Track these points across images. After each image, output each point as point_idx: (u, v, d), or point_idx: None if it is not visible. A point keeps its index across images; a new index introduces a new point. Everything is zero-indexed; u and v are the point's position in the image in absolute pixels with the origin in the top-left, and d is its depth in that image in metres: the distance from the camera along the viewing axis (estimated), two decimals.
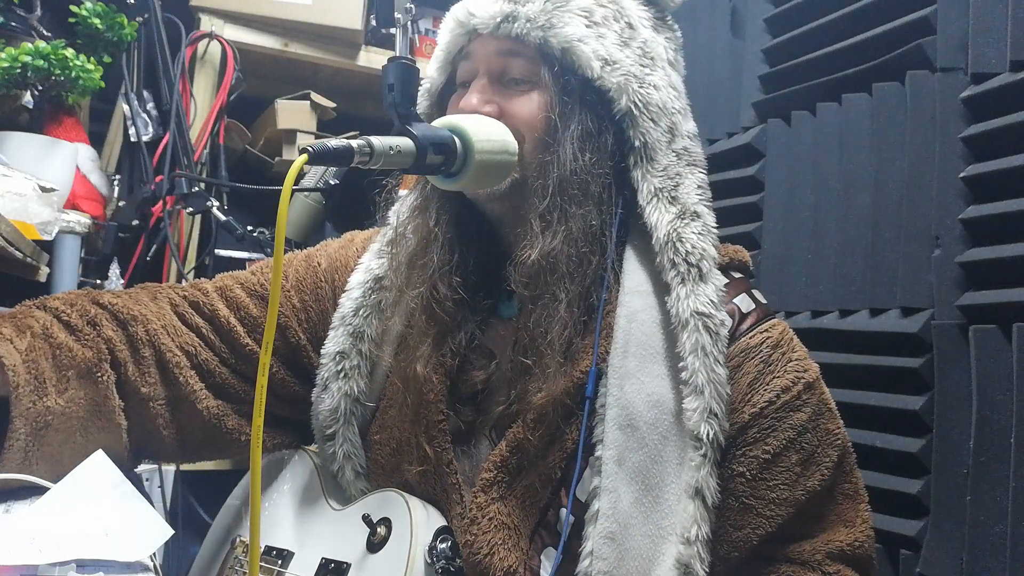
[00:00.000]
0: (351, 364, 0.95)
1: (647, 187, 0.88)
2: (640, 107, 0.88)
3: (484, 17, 0.89)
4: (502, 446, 0.86)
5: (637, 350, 0.85)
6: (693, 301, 0.84)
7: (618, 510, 0.81)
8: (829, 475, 0.87)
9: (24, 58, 1.38)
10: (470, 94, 0.90)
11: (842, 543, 0.86)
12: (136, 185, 1.67)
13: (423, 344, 0.91)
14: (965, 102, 1.16)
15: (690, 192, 0.89)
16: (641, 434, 0.83)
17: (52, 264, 1.35)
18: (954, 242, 1.14)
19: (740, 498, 0.84)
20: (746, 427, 0.84)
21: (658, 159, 0.88)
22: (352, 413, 0.96)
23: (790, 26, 1.50)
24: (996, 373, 1.06)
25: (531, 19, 0.87)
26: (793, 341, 0.90)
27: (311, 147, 0.69)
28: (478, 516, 0.85)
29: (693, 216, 0.88)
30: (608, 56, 0.88)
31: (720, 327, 0.84)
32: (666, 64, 0.93)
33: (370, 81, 1.92)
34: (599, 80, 0.87)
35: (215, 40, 1.73)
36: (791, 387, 0.85)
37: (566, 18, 0.87)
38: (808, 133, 1.43)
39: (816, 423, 0.87)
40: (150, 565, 0.79)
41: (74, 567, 0.74)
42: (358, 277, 0.99)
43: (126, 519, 0.85)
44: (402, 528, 0.86)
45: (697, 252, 0.86)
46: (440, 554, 0.84)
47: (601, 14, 0.90)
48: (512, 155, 0.87)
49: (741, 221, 1.52)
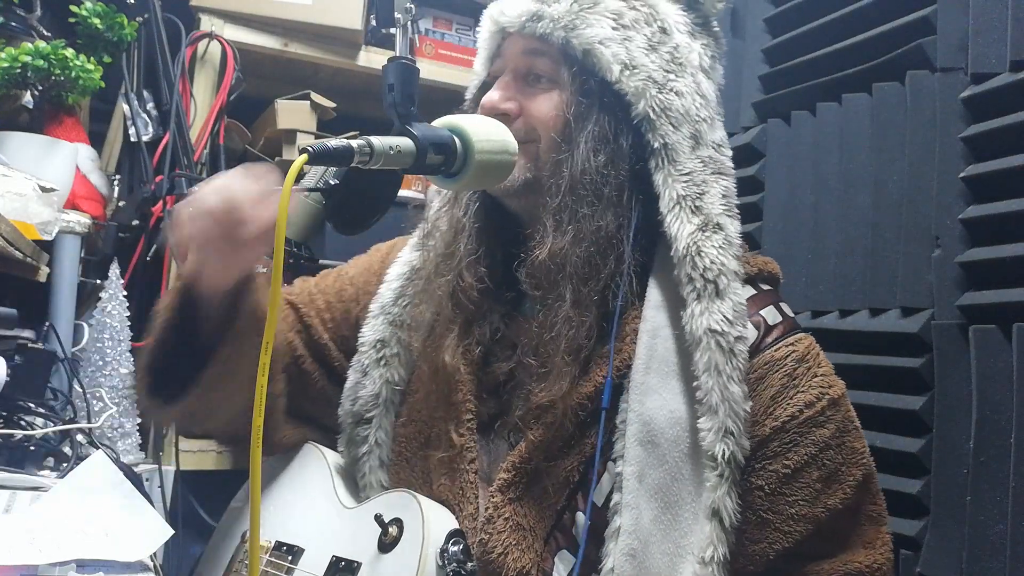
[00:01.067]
0: (391, 352, 0.98)
1: (669, 193, 0.87)
2: (658, 111, 0.88)
3: (512, 16, 0.92)
4: (521, 447, 0.87)
5: (659, 366, 0.85)
6: (707, 319, 0.83)
7: (639, 527, 0.81)
8: (852, 494, 0.86)
9: (24, 58, 1.38)
10: (492, 91, 0.93)
11: (861, 564, 0.85)
12: (136, 185, 1.67)
13: (450, 333, 0.93)
14: (965, 102, 1.16)
15: (714, 202, 0.88)
16: (662, 451, 0.83)
17: (52, 264, 1.35)
18: (954, 242, 1.14)
19: (758, 512, 0.84)
20: (767, 440, 0.84)
21: (681, 161, 0.88)
22: (391, 401, 0.98)
23: (790, 26, 1.50)
24: (996, 373, 1.06)
25: (555, 19, 0.89)
26: (819, 356, 0.89)
27: (311, 147, 0.69)
28: (494, 516, 0.85)
29: (716, 228, 0.87)
30: (629, 60, 0.88)
31: (736, 343, 0.83)
32: (697, 70, 0.93)
33: (370, 81, 1.91)
34: (618, 84, 0.88)
35: (215, 40, 1.73)
36: (815, 402, 0.84)
37: (592, 19, 0.88)
38: (808, 133, 1.42)
39: (840, 440, 0.86)
40: (150, 565, 0.79)
41: (74, 567, 0.74)
42: (397, 269, 1.03)
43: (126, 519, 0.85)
44: (414, 529, 0.86)
45: (715, 268, 0.85)
46: (452, 557, 0.84)
47: (632, 17, 0.90)
48: (512, 155, 0.87)
49: (741, 221, 1.52)
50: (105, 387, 1.43)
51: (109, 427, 1.42)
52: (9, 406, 1.10)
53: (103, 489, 0.88)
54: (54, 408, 1.21)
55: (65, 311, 1.37)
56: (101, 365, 1.44)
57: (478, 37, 1.00)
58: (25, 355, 1.16)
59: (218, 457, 1.64)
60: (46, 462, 1.02)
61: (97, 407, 1.39)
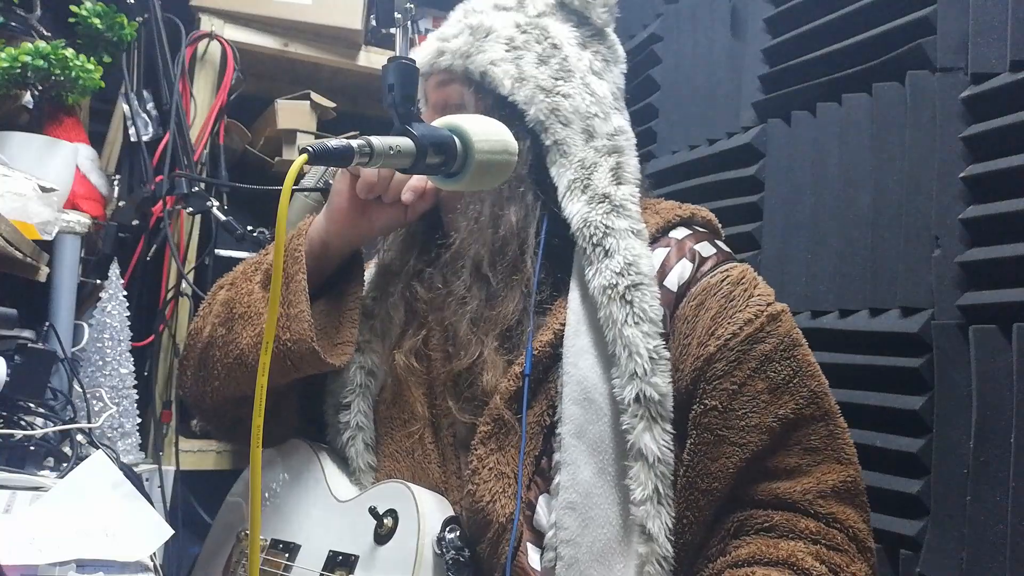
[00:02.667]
0: (364, 339, 1.05)
1: (563, 183, 0.97)
2: (547, 113, 0.98)
3: (423, 60, 1.05)
4: (496, 400, 0.92)
5: (590, 328, 0.93)
6: (599, 279, 0.92)
7: (577, 481, 0.87)
8: (805, 405, 0.89)
9: (24, 58, 1.38)
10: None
11: (834, 480, 0.88)
12: (136, 185, 1.67)
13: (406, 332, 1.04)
14: (965, 102, 1.16)
15: (602, 177, 0.97)
16: (598, 406, 0.89)
17: (52, 264, 1.35)
18: (954, 242, 1.14)
19: (714, 431, 0.88)
20: (712, 359, 0.89)
21: (573, 153, 0.98)
22: (367, 386, 1.05)
23: (790, 26, 1.50)
24: (996, 373, 1.06)
25: (455, 51, 1.02)
26: (756, 279, 0.95)
27: (311, 147, 0.69)
28: (479, 467, 0.90)
29: (602, 198, 0.96)
30: (519, 74, 0.99)
31: (629, 291, 0.90)
32: (587, 73, 1.02)
33: (370, 81, 1.92)
34: (511, 95, 0.99)
35: (215, 40, 1.73)
36: (754, 319, 0.90)
37: (486, 47, 1.01)
38: (808, 133, 1.43)
39: (785, 354, 0.90)
40: (150, 565, 0.79)
41: (74, 567, 0.74)
42: (371, 269, 1.12)
43: (126, 519, 0.85)
44: (409, 519, 0.86)
45: (599, 231, 0.94)
46: (449, 544, 0.85)
47: (523, 39, 1.02)
48: (512, 155, 0.87)
49: (741, 221, 1.52)
50: (105, 387, 1.43)
51: (109, 427, 1.42)
52: (9, 406, 1.10)
53: (103, 489, 0.88)
54: (54, 408, 1.21)
55: (65, 311, 1.37)
56: (101, 365, 1.44)
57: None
58: (25, 355, 1.15)
59: (218, 457, 1.64)
60: (46, 462, 1.02)
61: (97, 407, 1.39)
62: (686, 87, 1.80)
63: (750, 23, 1.62)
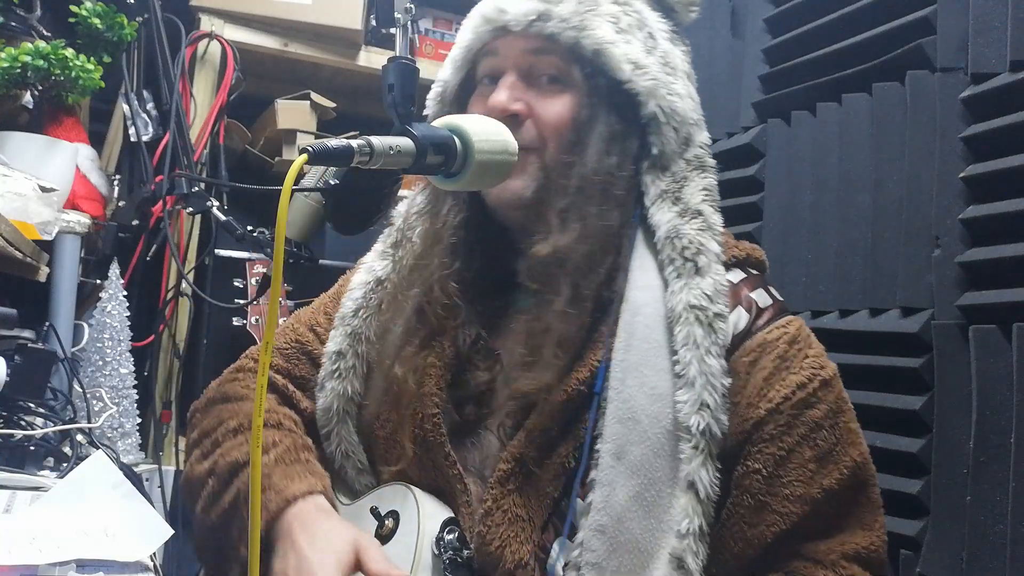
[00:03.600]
0: (346, 365, 0.96)
1: (655, 190, 0.89)
2: (667, 113, 0.89)
3: (517, 14, 0.89)
4: (521, 437, 0.86)
5: (640, 344, 0.86)
6: (687, 294, 0.84)
7: (611, 503, 0.82)
8: (847, 475, 0.86)
9: (24, 58, 1.38)
10: (499, 90, 0.90)
11: (858, 545, 0.86)
12: (136, 185, 1.67)
13: (409, 345, 0.93)
14: (965, 102, 1.16)
15: (694, 193, 0.90)
16: (643, 427, 0.83)
17: (52, 264, 1.35)
18: (954, 242, 1.14)
19: (756, 495, 0.84)
20: (762, 423, 0.84)
21: (672, 161, 0.90)
22: (347, 412, 0.96)
23: (790, 26, 1.50)
24: (996, 373, 1.06)
25: (565, 19, 0.88)
26: (810, 338, 0.90)
27: (311, 147, 0.69)
28: (493, 508, 0.85)
29: (695, 214, 0.88)
30: (637, 60, 0.88)
31: (715, 320, 0.84)
32: (684, 76, 0.94)
33: (370, 81, 1.92)
34: (629, 83, 0.88)
35: (215, 40, 1.73)
36: (807, 384, 0.85)
37: (597, 21, 0.88)
38: (808, 133, 1.43)
39: (833, 421, 0.86)
40: (150, 565, 0.79)
41: (74, 567, 0.74)
42: (360, 277, 1.00)
43: (126, 519, 0.85)
44: (409, 520, 0.86)
45: (694, 247, 0.86)
46: (447, 545, 0.84)
47: (627, 22, 0.90)
48: (512, 155, 0.87)
49: (741, 221, 1.52)
50: (105, 387, 1.43)
51: (109, 427, 1.42)
52: (9, 406, 1.10)
53: (103, 489, 0.88)
54: (54, 408, 1.21)
55: (65, 311, 1.37)
56: (101, 365, 1.44)
57: (459, 36, 0.97)
58: (25, 355, 1.16)
59: None
60: (46, 462, 1.02)
61: (97, 407, 1.40)
62: None
63: (750, 23, 1.62)
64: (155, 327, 1.66)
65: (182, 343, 1.69)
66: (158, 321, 1.65)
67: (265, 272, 1.54)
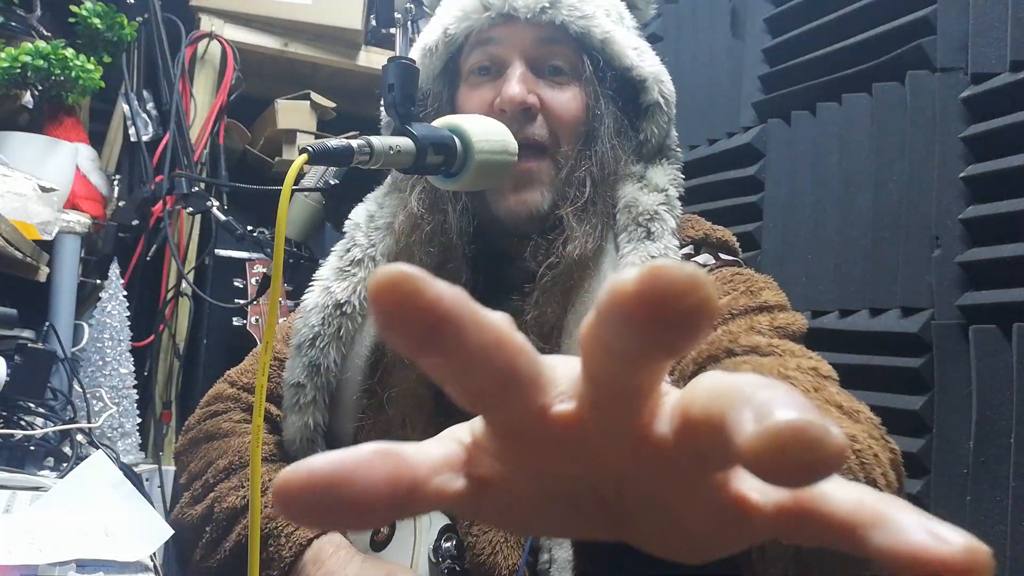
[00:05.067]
0: (306, 399, 0.87)
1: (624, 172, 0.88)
2: (667, 100, 0.87)
3: (528, 0, 0.85)
4: None
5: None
6: (633, 256, 0.83)
7: None
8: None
9: (24, 58, 1.38)
10: (512, 83, 0.85)
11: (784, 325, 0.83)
12: (136, 185, 1.67)
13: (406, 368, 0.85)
14: (965, 102, 1.16)
15: (658, 174, 0.89)
16: None
17: (52, 264, 1.35)
18: (954, 242, 1.14)
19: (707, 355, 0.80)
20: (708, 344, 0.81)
21: (654, 157, 0.90)
22: (312, 442, 0.88)
23: (790, 26, 1.50)
24: (996, 373, 1.06)
25: (574, 7, 0.85)
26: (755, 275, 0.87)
27: (311, 147, 0.69)
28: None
29: (656, 189, 0.87)
30: (638, 46, 0.87)
31: None
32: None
33: (370, 81, 1.92)
34: (635, 69, 0.86)
35: (215, 40, 1.73)
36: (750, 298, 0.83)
37: (591, 8, 0.86)
38: (808, 133, 1.43)
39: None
40: (150, 565, 0.79)
41: (74, 567, 0.74)
42: (315, 298, 0.90)
43: (126, 519, 0.85)
44: (405, 527, 0.86)
45: (648, 213, 0.85)
46: (445, 553, 0.84)
47: (615, 13, 0.90)
48: (512, 155, 0.86)
49: (741, 221, 1.52)
50: (105, 387, 1.43)
51: (109, 427, 1.42)
52: (9, 406, 1.10)
53: (103, 489, 0.88)
54: (54, 408, 1.21)
55: (65, 311, 1.38)
56: (101, 365, 1.44)
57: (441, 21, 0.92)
58: (25, 355, 1.16)
59: None
60: (46, 462, 1.02)
61: (97, 407, 1.39)
62: (686, 87, 1.79)
63: (750, 23, 1.62)
64: (155, 327, 1.66)
65: (182, 343, 1.69)
66: (158, 321, 1.65)
67: (265, 272, 1.54)
